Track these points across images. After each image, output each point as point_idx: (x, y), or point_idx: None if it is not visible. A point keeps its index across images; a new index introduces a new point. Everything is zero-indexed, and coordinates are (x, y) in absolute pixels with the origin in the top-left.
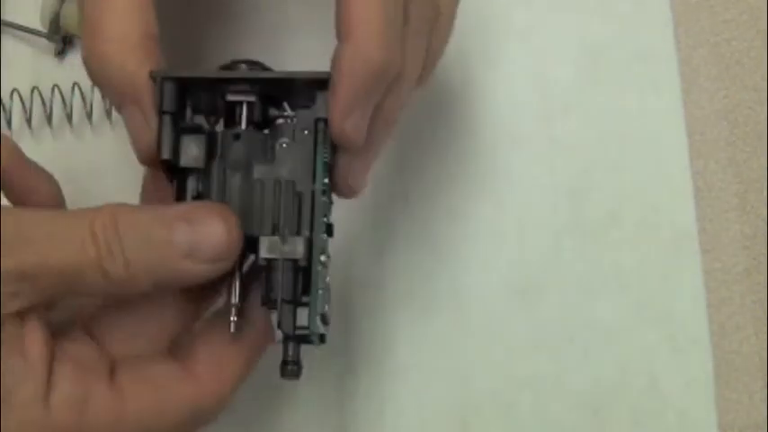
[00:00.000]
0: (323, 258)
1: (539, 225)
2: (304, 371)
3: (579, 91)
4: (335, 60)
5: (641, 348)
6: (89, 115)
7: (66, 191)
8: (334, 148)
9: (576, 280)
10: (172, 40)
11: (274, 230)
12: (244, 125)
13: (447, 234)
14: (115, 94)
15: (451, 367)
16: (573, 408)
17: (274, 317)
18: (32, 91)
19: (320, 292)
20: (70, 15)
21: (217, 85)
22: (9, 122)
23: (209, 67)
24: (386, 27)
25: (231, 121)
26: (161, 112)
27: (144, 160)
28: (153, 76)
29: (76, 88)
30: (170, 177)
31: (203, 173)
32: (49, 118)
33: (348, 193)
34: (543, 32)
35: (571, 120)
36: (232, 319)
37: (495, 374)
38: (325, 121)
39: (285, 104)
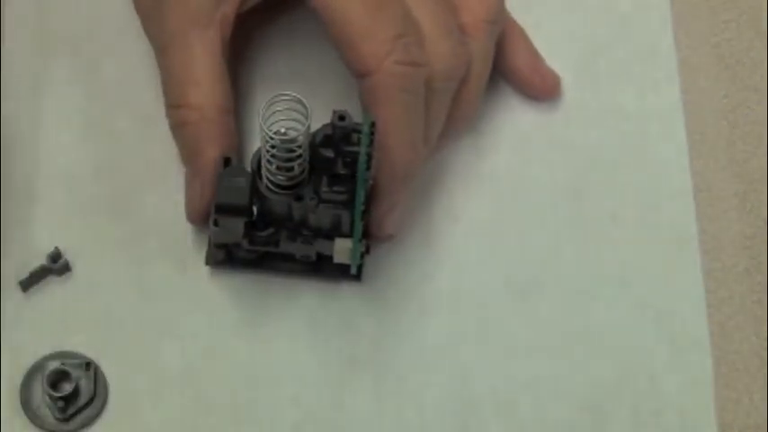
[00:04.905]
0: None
1: (539, 225)
2: (305, 370)
3: (579, 91)
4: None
5: (641, 348)
6: None
7: None
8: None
9: (576, 280)
10: None
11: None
12: None
13: (447, 234)
14: (184, 155)
15: (451, 367)
16: (573, 408)
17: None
18: None
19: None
20: None
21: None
22: None
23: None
24: (411, 138)
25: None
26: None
27: (190, 220)
28: (221, 173)
29: None
30: None
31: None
32: None
33: (386, 238)
34: (543, 32)
35: (571, 120)
36: None
37: (494, 375)
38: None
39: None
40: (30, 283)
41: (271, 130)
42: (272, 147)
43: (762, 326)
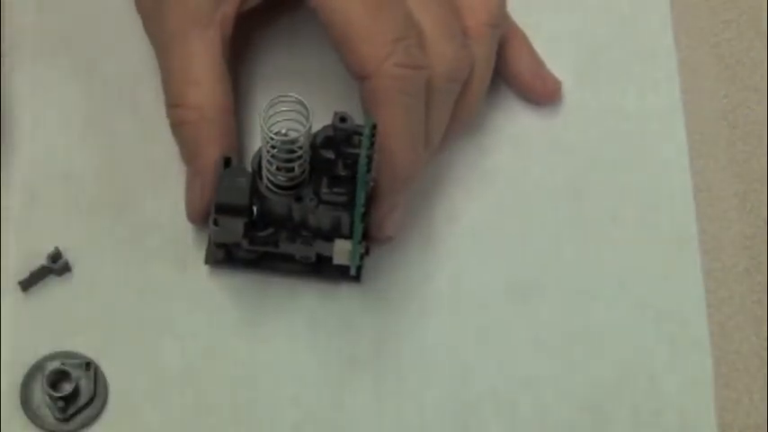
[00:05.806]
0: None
1: (539, 225)
2: (305, 370)
3: (579, 91)
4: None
5: (641, 348)
6: None
7: None
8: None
9: (576, 280)
10: None
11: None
12: None
13: (447, 235)
14: (184, 155)
15: (451, 367)
16: (573, 408)
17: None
18: None
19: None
20: None
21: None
22: None
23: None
24: (411, 140)
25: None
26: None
27: (190, 220)
28: (221, 173)
29: None
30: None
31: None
32: None
33: (386, 240)
34: (543, 33)
35: (571, 120)
36: None
37: (494, 375)
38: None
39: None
40: (30, 283)
41: (271, 131)
42: (273, 147)
43: (762, 326)
